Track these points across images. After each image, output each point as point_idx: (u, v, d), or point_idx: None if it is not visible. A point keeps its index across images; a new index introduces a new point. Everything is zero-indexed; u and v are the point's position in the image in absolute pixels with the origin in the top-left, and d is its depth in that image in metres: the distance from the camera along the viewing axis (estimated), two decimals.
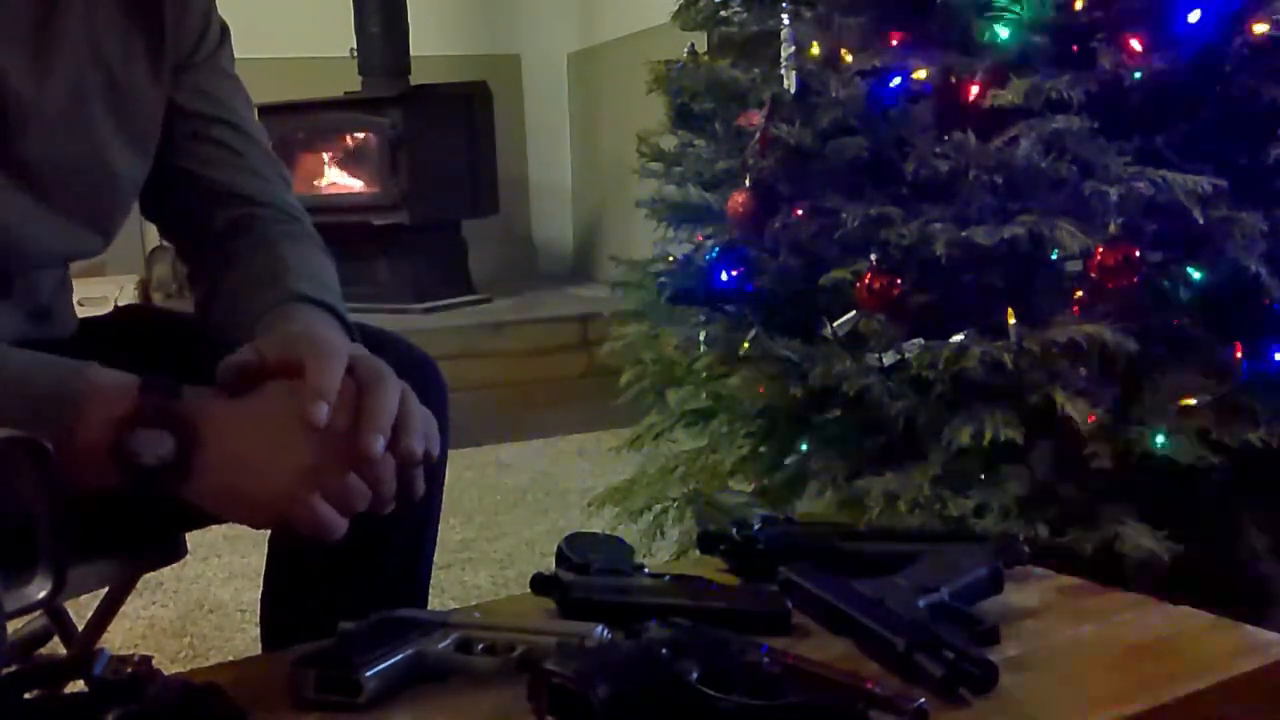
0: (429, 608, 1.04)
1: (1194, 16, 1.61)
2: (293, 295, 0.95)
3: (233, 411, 0.80)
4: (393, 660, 0.79)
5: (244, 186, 1.05)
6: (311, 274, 0.99)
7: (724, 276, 1.97)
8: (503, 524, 2.82)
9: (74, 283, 1.11)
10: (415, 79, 4.35)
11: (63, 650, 1.36)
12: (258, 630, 1.12)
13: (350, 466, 0.80)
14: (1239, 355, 1.66)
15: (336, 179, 4.44)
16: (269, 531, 1.09)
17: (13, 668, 0.68)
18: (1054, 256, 1.68)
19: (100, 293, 3.92)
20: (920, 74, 1.74)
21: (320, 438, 0.78)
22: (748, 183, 1.86)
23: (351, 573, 1.03)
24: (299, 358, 0.81)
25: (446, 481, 1.10)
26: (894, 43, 1.79)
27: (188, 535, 1.19)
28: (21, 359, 0.81)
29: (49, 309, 1.03)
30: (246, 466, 0.79)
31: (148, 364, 0.82)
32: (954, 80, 1.73)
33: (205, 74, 1.06)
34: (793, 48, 1.84)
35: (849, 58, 1.81)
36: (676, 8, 2.16)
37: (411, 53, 4.37)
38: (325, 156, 4.43)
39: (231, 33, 1.09)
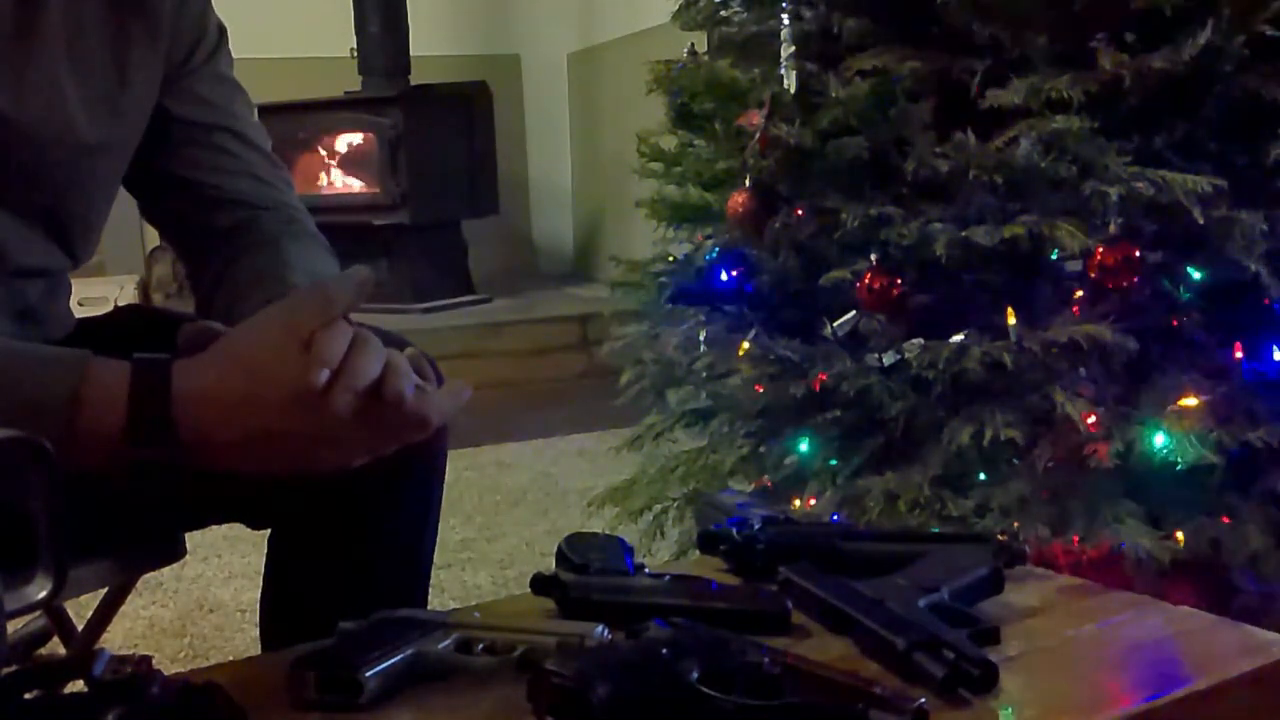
0: (429, 608, 1.04)
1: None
2: (291, 289, 0.95)
3: (227, 401, 0.78)
4: (393, 660, 0.79)
5: (244, 192, 1.05)
6: (311, 269, 0.99)
7: (724, 276, 1.97)
8: (503, 524, 2.83)
9: (74, 283, 1.11)
10: (415, 79, 4.36)
11: (63, 650, 1.36)
12: (258, 630, 1.12)
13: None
14: (1239, 355, 1.66)
15: (336, 179, 4.45)
16: (269, 531, 1.09)
17: (13, 668, 0.68)
18: (1054, 256, 1.68)
19: (100, 293, 3.92)
20: (920, 74, 1.74)
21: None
22: (748, 183, 1.86)
23: (351, 573, 1.03)
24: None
25: (446, 481, 1.11)
26: (894, 43, 1.79)
27: (188, 535, 1.19)
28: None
29: (36, 312, 1.02)
30: (248, 451, 0.79)
31: None
32: (954, 80, 1.73)
33: (202, 80, 1.05)
34: (793, 48, 1.84)
35: (849, 58, 1.81)
36: (676, 8, 2.16)
37: (411, 53, 4.38)
38: (325, 156, 4.44)
39: (230, 33, 1.09)
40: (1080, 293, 1.65)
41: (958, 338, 1.67)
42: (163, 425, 0.76)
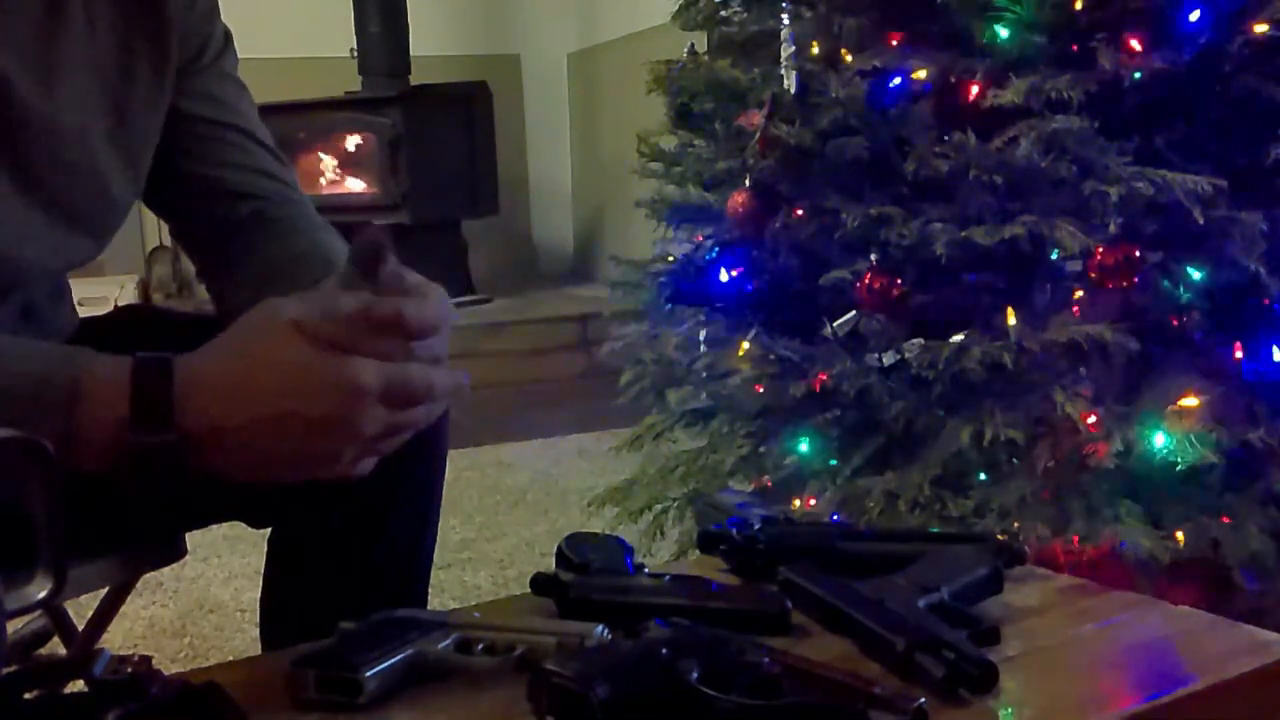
0: (429, 608, 1.04)
1: (1194, 16, 1.61)
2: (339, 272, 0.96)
3: (229, 386, 0.77)
4: (393, 660, 0.79)
5: (259, 186, 1.05)
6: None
7: (724, 276, 1.97)
8: (503, 524, 2.83)
9: (74, 283, 1.11)
10: (415, 79, 4.35)
11: (63, 650, 1.36)
12: (258, 630, 1.12)
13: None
14: (1239, 355, 1.66)
15: (336, 179, 4.44)
16: (269, 531, 1.09)
17: (13, 668, 0.68)
18: (1054, 256, 1.68)
19: (100, 293, 3.92)
20: (920, 74, 1.74)
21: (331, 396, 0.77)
22: (748, 183, 1.86)
23: (351, 573, 1.03)
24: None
25: (446, 481, 1.11)
26: (894, 43, 1.79)
27: (188, 535, 1.19)
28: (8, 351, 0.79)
29: (42, 312, 1.03)
30: (253, 441, 0.77)
31: None
32: (954, 80, 1.73)
33: (211, 79, 1.06)
34: (793, 48, 1.84)
35: (849, 58, 1.81)
36: (676, 8, 2.16)
37: (411, 53, 4.37)
38: (325, 156, 4.44)
39: (233, 36, 1.10)
40: (1080, 293, 1.65)
41: (958, 338, 1.67)
42: (164, 411, 0.75)
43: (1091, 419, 1.59)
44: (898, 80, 1.76)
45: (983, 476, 1.71)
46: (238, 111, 1.07)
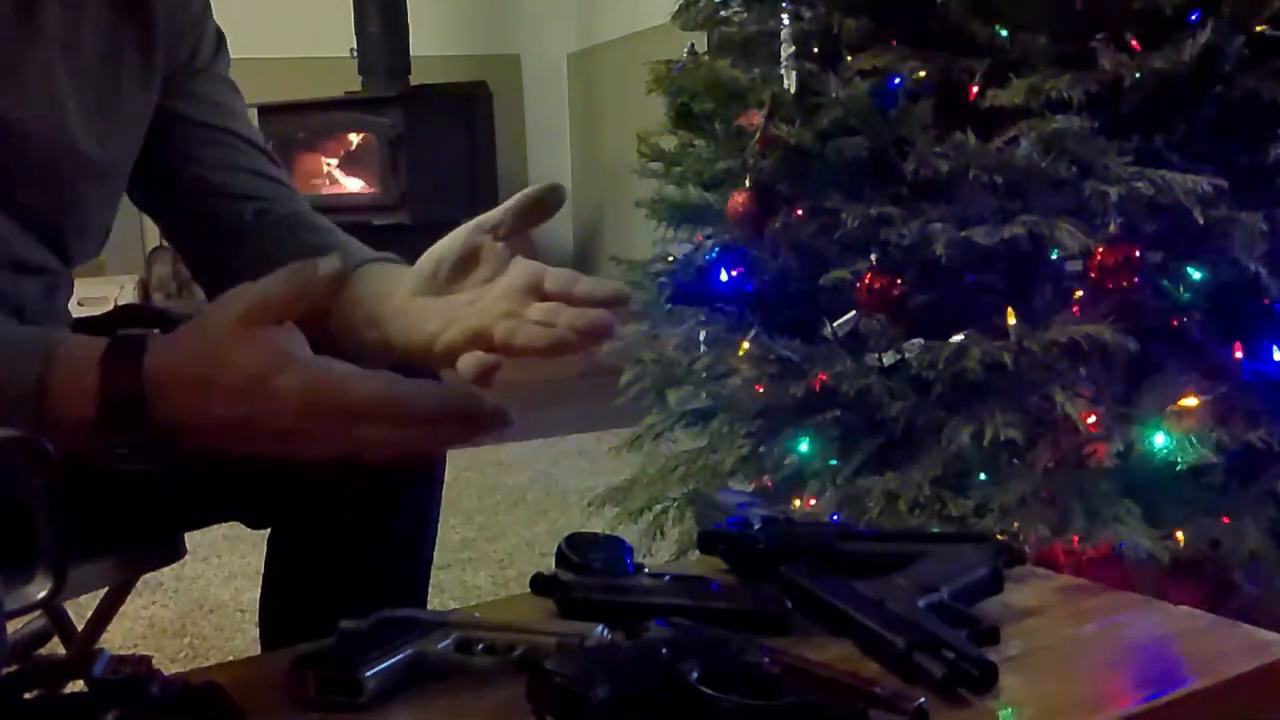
0: (429, 608, 1.04)
1: (1194, 17, 1.61)
2: (375, 258, 0.97)
3: (193, 386, 0.73)
4: (393, 660, 0.79)
5: (256, 188, 1.05)
6: (362, 251, 1.00)
7: (724, 276, 1.97)
8: (503, 524, 2.83)
9: (75, 283, 1.11)
10: (415, 79, 4.36)
11: (63, 650, 1.36)
12: (258, 630, 1.12)
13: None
14: (1239, 355, 1.66)
15: (336, 179, 4.45)
16: (269, 531, 1.09)
17: (13, 668, 0.68)
18: (1054, 256, 1.68)
19: (100, 293, 3.92)
20: (920, 74, 1.74)
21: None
22: (748, 183, 1.86)
23: (351, 573, 1.03)
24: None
25: (446, 481, 1.11)
26: (894, 43, 1.79)
27: (188, 535, 1.19)
28: None
29: (33, 310, 1.02)
30: (224, 439, 0.74)
31: None
32: (954, 80, 1.73)
33: (206, 81, 1.06)
34: (793, 48, 1.84)
35: (849, 58, 1.81)
36: (676, 8, 2.16)
37: (411, 53, 4.38)
38: (325, 156, 4.44)
39: (229, 37, 1.10)
40: (1080, 293, 1.65)
41: (958, 338, 1.67)
42: (133, 405, 0.72)
43: (1091, 419, 1.59)
44: (898, 80, 1.76)
45: (983, 476, 1.71)
46: (234, 114, 1.07)
